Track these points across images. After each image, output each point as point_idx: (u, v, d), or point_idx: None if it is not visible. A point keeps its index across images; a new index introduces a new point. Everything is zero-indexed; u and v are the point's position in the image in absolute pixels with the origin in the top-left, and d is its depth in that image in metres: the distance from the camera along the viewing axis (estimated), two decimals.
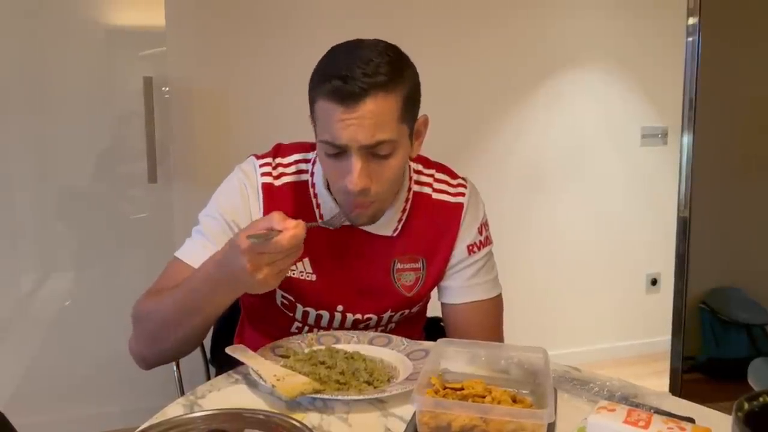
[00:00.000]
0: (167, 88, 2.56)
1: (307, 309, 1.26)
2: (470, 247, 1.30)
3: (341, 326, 1.28)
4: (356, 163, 1.08)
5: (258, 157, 1.28)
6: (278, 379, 0.99)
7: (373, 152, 1.09)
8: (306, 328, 1.29)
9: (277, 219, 0.96)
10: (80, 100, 2.52)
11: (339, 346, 1.16)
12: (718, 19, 2.27)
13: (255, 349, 1.17)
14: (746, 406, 0.66)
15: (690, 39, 2.27)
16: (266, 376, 1.00)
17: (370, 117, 1.06)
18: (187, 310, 1.10)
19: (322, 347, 1.15)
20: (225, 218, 1.23)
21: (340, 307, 1.26)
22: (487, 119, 3.13)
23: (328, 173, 1.16)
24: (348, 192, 1.10)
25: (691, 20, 2.26)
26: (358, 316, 1.27)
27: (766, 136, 2.44)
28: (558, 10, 3.14)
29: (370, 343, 1.20)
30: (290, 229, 0.95)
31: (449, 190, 1.31)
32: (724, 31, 2.30)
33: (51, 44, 2.47)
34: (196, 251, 1.22)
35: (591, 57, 3.23)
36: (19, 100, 2.46)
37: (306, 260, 1.24)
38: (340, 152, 1.09)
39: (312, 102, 1.12)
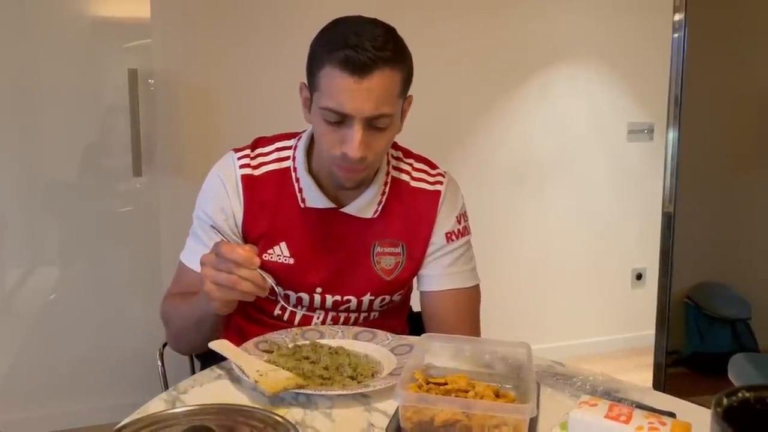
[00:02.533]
0: (152, 81, 2.55)
1: (288, 292, 1.28)
2: (448, 235, 1.32)
3: (322, 306, 1.30)
4: (358, 133, 1.11)
5: (236, 151, 1.30)
6: (261, 375, 0.98)
7: (372, 124, 1.13)
8: (289, 309, 1.31)
9: (246, 245, 1.10)
10: (64, 92, 2.50)
11: (323, 341, 1.16)
12: (704, 15, 2.27)
13: (242, 335, 1.18)
14: (725, 401, 0.66)
15: (676, 35, 2.28)
16: (249, 371, 1.00)
17: (375, 90, 1.10)
18: (195, 319, 1.19)
19: (306, 342, 1.15)
20: (210, 218, 1.27)
21: (318, 289, 1.28)
22: (474, 115, 3.13)
23: (324, 140, 1.17)
24: (346, 158, 1.14)
25: (677, 16, 2.27)
26: (337, 297, 1.29)
27: (751, 132, 2.46)
28: (545, 6, 3.14)
29: (355, 338, 1.20)
30: (236, 245, 1.06)
31: (427, 179, 1.34)
32: (709, 28, 2.31)
33: (35, 36, 2.44)
34: (193, 253, 1.28)
35: (578, 53, 3.23)
36: (3, 94, 2.43)
37: (283, 244, 1.26)
38: (340, 121, 1.12)
39: (315, 69, 1.14)
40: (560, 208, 3.31)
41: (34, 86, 2.48)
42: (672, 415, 0.89)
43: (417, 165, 1.35)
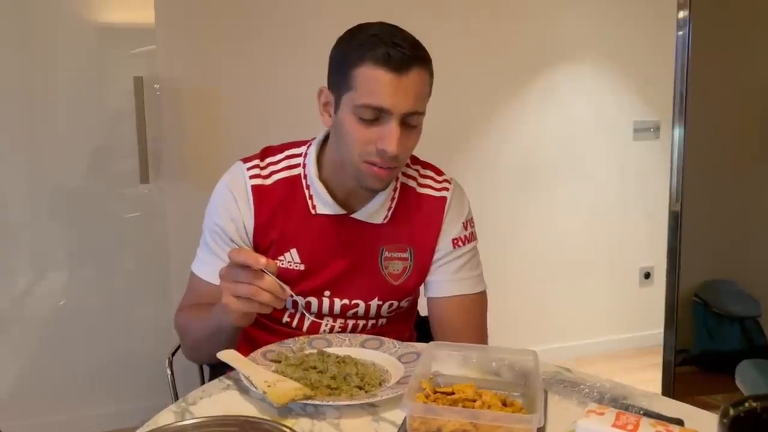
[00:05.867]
0: (158, 86, 2.56)
1: (297, 298, 1.28)
2: (455, 241, 1.32)
3: (330, 311, 1.30)
4: (396, 129, 1.13)
5: (245, 161, 1.31)
6: (269, 385, 0.99)
7: (406, 121, 1.15)
8: (297, 317, 1.32)
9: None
10: (71, 99, 2.51)
11: (330, 350, 1.17)
12: (708, 12, 2.26)
13: (251, 342, 1.22)
14: (731, 411, 0.66)
15: (680, 33, 2.27)
16: (257, 382, 1.00)
17: (413, 87, 1.13)
18: (211, 331, 1.18)
19: (314, 351, 1.16)
20: (221, 228, 1.28)
21: (327, 292, 1.29)
22: (479, 115, 3.13)
23: (356, 139, 1.16)
24: (383, 154, 1.14)
25: (682, 14, 2.26)
26: (345, 301, 1.30)
27: (757, 129, 2.45)
28: (549, 5, 3.14)
29: (362, 346, 1.20)
30: (249, 252, 1.06)
31: (434, 185, 1.35)
32: (714, 25, 2.30)
33: (41, 43, 2.46)
34: (205, 265, 1.30)
35: (583, 52, 3.23)
36: (10, 100, 2.45)
37: (294, 250, 1.27)
38: (374, 118, 1.13)
39: (348, 69, 1.14)
40: (567, 208, 3.31)
41: (40, 93, 2.50)
42: (680, 422, 0.89)
43: (423, 171, 1.36)
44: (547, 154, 3.24)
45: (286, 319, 1.32)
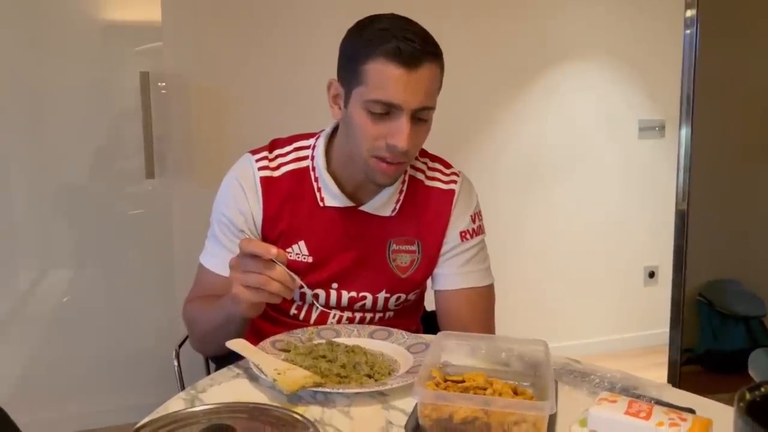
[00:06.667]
0: (164, 84, 2.56)
1: (304, 290, 1.28)
2: (463, 234, 1.32)
3: (338, 304, 1.30)
4: (407, 124, 1.12)
5: (253, 153, 1.31)
6: (279, 373, 0.99)
7: (416, 116, 1.14)
8: (305, 308, 1.32)
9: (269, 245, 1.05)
10: (77, 96, 2.52)
11: (339, 340, 1.17)
12: (716, 11, 2.26)
13: (259, 334, 1.22)
14: (748, 396, 0.66)
15: (688, 32, 2.27)
16: (267, 370, 1.00)
17: (423, 82, 1.12)
18: (221, 322, 1.18)
19: (323, 341, 1.16)
20: (230, 220, 1.28)
21: (335, 285, 1.29)
22: (484, 113, 3.12)
23: (365, 134, 1.16)
24: (394, 150, 1.14)
25: (689, 13, 2.26)
26: (353, 293, 1.30)
27: (763, 129, 2.45)
28: (555, 2, 3.14)
29: (371, 336, 1.20)
30: (259, 242, 1.06)
31: (442, 178, 1.34)
32: (721, 24, 2.30)
33: (47, 40, 2.46)
34: (213, 257, 1.30)
35: (588, 50, 3.23)
36: (16, 97, 2.45)
37: (302, 242, 1.27)
38: (385, 113, 1.13)
39: (358, 63, 1.14)
40: (572, 206, 3.30)
41: (46, 90, 2.50)
42: (692, 411, 0.88)
43: (431, 164, 1.36)
44: (552, 152, 3.23)
45: (293, 311, 1.33)
